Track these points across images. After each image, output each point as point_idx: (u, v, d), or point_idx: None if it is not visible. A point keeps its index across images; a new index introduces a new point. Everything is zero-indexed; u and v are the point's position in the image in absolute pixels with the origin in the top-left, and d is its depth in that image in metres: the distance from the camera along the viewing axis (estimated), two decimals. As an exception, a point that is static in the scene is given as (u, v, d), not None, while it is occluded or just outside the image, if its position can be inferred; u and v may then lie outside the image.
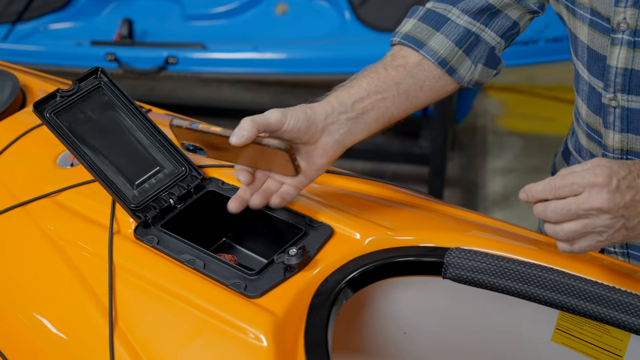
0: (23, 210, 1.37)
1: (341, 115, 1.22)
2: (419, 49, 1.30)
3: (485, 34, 1.32)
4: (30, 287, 1.29)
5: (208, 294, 1.13)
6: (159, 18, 3.26)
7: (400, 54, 1.31)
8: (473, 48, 1.32)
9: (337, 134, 1.21)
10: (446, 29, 1.31)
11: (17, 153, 1.51)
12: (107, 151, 1.31)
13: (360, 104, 1.24)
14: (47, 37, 3.22)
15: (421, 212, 1.33)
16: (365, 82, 1.26)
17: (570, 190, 1.04)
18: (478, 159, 3.78)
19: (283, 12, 3.17)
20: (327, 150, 1.21)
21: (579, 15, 1.23)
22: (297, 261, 1.14)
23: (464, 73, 1.33)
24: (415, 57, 1.30)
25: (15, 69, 1.84)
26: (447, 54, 1.30)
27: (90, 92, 1.33)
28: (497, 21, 1.32)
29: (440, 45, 1.30)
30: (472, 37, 1.32)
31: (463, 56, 1.32)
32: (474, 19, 1.31)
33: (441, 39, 1.30)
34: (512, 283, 1.14)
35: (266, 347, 1.05)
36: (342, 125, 1.22)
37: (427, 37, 1.30)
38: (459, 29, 1.31)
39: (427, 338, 1.36)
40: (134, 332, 1.13)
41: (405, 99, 1.28)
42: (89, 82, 1.34)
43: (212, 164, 1.37)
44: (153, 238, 1.24)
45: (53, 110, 1.29)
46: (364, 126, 1.25)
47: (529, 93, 4.21)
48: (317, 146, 1.21)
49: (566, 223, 1.05)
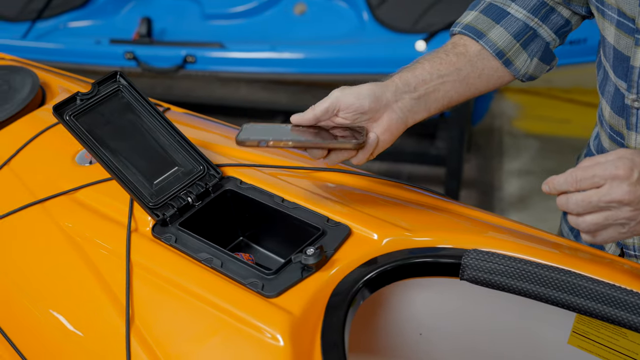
0: (41, 208, 1.37)
1: (405, 94, 1.27)
2: (479, 39, 1.33)
3: (542, 30, 1.35)
4: (47, 284, 1.29)
5: (225, 293, 1.13)
6: (177, 17, 3.27)
7: (461, 42, 1.35)
8: (530, 42, 1.35)
9: (400, 112, 1.26)
10: (506, 22, 1.34)
11: (36, 150, 1.52)
12: (125, 152, 1.32)
13: (423, 85, 1.28)
14: (67, 35, 3.23)
15: (438, 213, 1.33)
16: (428, 65, 1.30)
17: (591, 183, 1.05)
18: (494, 160, 3.77)
19: (301, 12, 3.17)
20: (391, 127, 1.26)
21: (607, 15, 1.23)
22: (314, 261, 1.14)
23: (520, 66, 1.36)
24: (475, 46, 1.34)
25: (35, 67, 1.85)
26: (505, 46, 1.34)
27: (109, 95, 1.35)
28: (552, 18, 1.35)
29: (499, 37, 1.33)
30: (530, 32, 1.34)
31: (520, 49, 1.35)
32: (532, 14, 1.34)
33: (500, 31, 1.34)
34: (530, 285, 1.14)
35: (283, 346, 1.05)
36: (405, 104, 1.27)
37: (487, 29, 1.34)
38: (518, 23, 1.34)
39: (443, 339, 1.36)
40: (151, 330, 1.14)
41: (465, 84, 1.32)
42: (108, 85, 1.36)
43: (230, 163, 1.37)
44: (171, 236, 1.24)
45: (73, 112, 1.31)
46: (424, 106, 1.29)
47: (545, 95, 4.19)
48: (381, 123, 1.26)
49: (588, 215, 1.06)
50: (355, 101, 1.23)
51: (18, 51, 2.72)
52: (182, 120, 1.61)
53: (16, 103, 1.64)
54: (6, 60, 1.95)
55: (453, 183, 3.27)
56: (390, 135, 1.27)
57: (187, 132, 1.38)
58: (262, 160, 1.42)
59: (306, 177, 1.38)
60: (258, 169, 1.38)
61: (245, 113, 3.74)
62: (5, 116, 1.61)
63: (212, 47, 3.04)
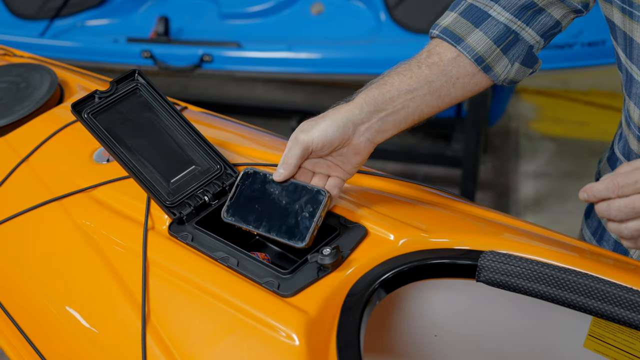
0: (59, 205, 1.38)
1: (372, 115, 1.24)
2: (457, 44, 1.29)
3: (525, 33, 1.30)
4: (63, 281, 1.30)
5: (241, 292, 1.14)
6: (194, 16, 3.27)
7: (435, 50, 1.30)
8: (511, 47, 1.30)
9: (368, 133, 1.24)
10: (486, 26, 1.29)
11: (54, 148, 1.52)
12: (143, 150, 1.33)
13: (391, 103, 1.25)
14: (84, 34, 3.25)
15: (455, 214, 1.32)
16: (397, 80, 1.26)
17: (634, 189, 1.03)
18: (510, 162, 3.76)
19: (318, 12, 3.17)
20: (360, 149, 1.24)
21: (636, 17, 1.20)
22: (330, 261, 1.14)
23: (500, 71, 1.31)
24: (450, 53, 1.29)
25: (53, 65, 1.86)
26: (485, 52, 1.29)
27: (127, 93, 1.35)
28: (539, 20, 1.30)
29: (477, 42, 1.28)
30: (512, 36, 1.29)
31: (500, 54, 1.30)
32: (516, 17, 1.29)
33: (479, 36, 1.29)
34: (546, 288, 1.13)
35: (298, 346, 1.05)
36: (372, 125, 1.24)
37: (465, 33, 1.29)
38: (498, 27, 1.29)
39: (457, 341, 1.35)
40: (166, 328, 1.14)
41: (437, 96, 1.28)
42: (127, 83, 1.36)
43: (247, 163, 1.38)
44: (187, 235, 1.24)
45: (91, 110, 1.32)
46: (393, 124, 1.26)
47: (562, 97, 4.18)
48: (350, 147, 1.24)
49: (631, 221, 1.04)
50: (324, 142, 1.21)
51: (36, 49, 2.74)
52: (199, 119, 1.61)
53: (34, 101, 1.65)
54: (25, 58, 1.96)
55: (469, 184, 3.26)
56: (360, 157, 1.25)
57: (204, 131, 1.38)
58: (277, 160, 1.41)
59: (322, 177, 1.38)
60: (275, 168, 1.38)
61: (260, 112, 3.74)
62: (23, 114, 1.62)
63: (229, 46, 3.04)
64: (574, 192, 3.64)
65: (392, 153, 3.39)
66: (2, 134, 1.60)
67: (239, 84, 4.12)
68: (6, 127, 1.61)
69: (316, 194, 1.22)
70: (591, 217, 1.47)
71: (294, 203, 1.24)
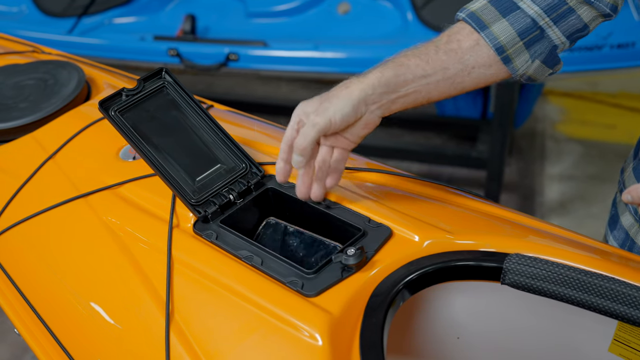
0: (84, 202, 1.39)
1: (383, 95, 1.24)
2: (480, 30, 1.26)
3: (552, 31, 1.27)
4: (88, 277, 1.31)
5: (265, 291, 1.14)
6: (221, 15, 3.28)
7: (456, 37, 1.28)
8: (535, 42, 1.27)
9: (378, 111, 1.25)
10: (513, 17, 1.26)
11: (81, 145, 1.53)
12: (169, 148, 1.33)
13: (403, 86, 1.25)
14: (112, 31, 3.26)
15: (480, 215, 1.32)
16: (414, 63, 1.26)
17: None
18: (536, 164, 3.74)
19: (345, 12, 3.17)
20: (369, 124, 1.26)
21: None
22: (355, 261, 1.13)
23: (519, 65, 1.28)
24: (470, 40, 1.27)
25: (81, 62, 1.87)
26: (507, 42, 1.25)
27: (154, 91, 1.36)
28: (568, 20, 1.26)
29: (502, 31, 1.25)
30: (537, 31, 1.26)
31: (522, 48, 1.26)
32: (545, 12, 1.25)
33: (505, 25, 1.26)
34: (572, 291, 1.12)
35: (321, 346, 1.05)
36: (383, 104, 1.25)
37: (491, 21, 1.26)
38: (526, 20, 1.25)
39: (480, 344, 1.35)
40: (190, 326, 1.14)
41: (449, 84, 1.27)
42: (154, 81, 1.37)
43: (272, 162, 1.38)
44: (212, 233, 1.25)
45: (118, 108, 1.32)
46: (402, 105, 1.27)
47: (590, 99, 4.16)
48: (360, 122, 1.25)
49: None
50: (343, 123, 1.23)
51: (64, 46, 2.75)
52: (225, 117, 1.62)
53: (62, 98, 1.66)
54: (53, 55, 1.97)
55: (494, 186, 3.25)
56: (368, 129, 1.27)
57: (229, 129, 1.38)
58: (303, 159, 1.42)
59: (347, 176, 1.38)
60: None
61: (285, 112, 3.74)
62: (51, 110, 1.63)
63: (255, 45, 3.05)
64: (599, 195, 3.63)
65: (416, 154, 3.38)
66: (30, 130, 1.61)
67: (264, 83, 4.13)
68: (34, 123, 1.62)
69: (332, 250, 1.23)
70: (618, 228, 1.45)
71: (310, 257, 1.26)
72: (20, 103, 1.67)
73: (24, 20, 3.33)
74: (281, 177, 1.28)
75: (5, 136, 1.62)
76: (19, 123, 1.62)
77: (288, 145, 1.25)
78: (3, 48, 2.02)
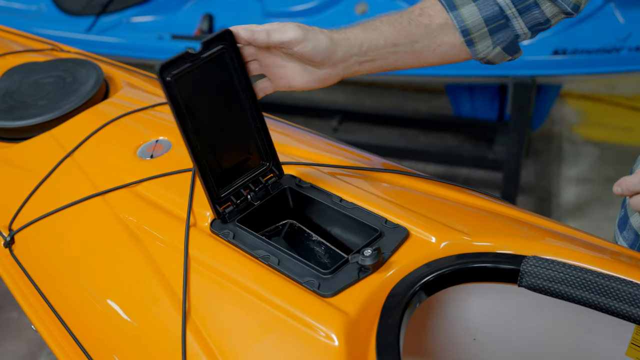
0: (102, 200, 1.39)
1: (353, 57, 1.26)
2: (450, 11, 1.29)
3: (516, 22, 1.30)
4: (105, 274, 1.31)
5: (281, 291, 1.14)
6: (238, 14, 3.28)
7: (428, 11, 1.31)
8: (499, 31, 1.31)
9: (342, 71, 1.27)
10: (482, 2, 1.29)
11: (99, 143, 1.54)
12: (210, 129, 1.25)
13: (374, 51, 1.27)
14: (130, 30, 3.27)
15: (497, 217, 1.31)
16: (386, 29, 1.28)
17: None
18: (552, 166, 3.73)
19: (363, 12, 3.16)
20: (326, 79, 1.27)
21: None
22: (371, 262, 1.13)
23: (481, 50, 1.32)
24: (441, 18, 1.30)
25: (99, 60, 1.88)
26: (473, 27, 1.29)
27: (214, 57, 1.24)
28: (532, 13, 1.30)
29: (470, 15, 1.29)
30: (502, 20, 1.30)
31: (486, 34, 1.30)
32: (512, 2, 1.29)
33: (473, 10, 1.29)
34: (589, 294, 1.12)
35: (337, 346, 1.05)
36: (349, 65, 1.27)
37: (461, 3, 1.29)
38: (494, 8, 1.29)
39: (496, 345, 1.34)
40: (206, 325, 1.14)
41: (415, 57, 1.30)
42: (215, 44, 1.25)
43: (290, 162, 1.38)
44: (229, 232, 1.25)
45: (176, 73, 1.20)
46: (367, 69, 1.29)
47: (607, 102, 4.14)
48: (319, 71, 1.26)
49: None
50: (311, 51, 1.23)
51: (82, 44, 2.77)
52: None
53: (80, 95, 1.67)
54: (71, 54, 1.98)
55: (510, 188, 3.24)
56: (322, 84, 1.28)
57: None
58: (320, 159, 1.42)
59: (364, 177, 1.38)
60: (316, 167, 1.38)
61: (301, 112, 3.74)
62: (69, 108, 1.64)
63: (273, 45, 3.05)
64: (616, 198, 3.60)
65: (433, 155, 3.38)
66: (48, 128, 1.62)
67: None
68: (52, 121, 1.63)
69: None
70: (627, 228, 1.45)
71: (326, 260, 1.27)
72: (39, 101, 1.68)
73: (42, 18, 3.35)
74: None
75: (24, 134, 1.63)
76: (38, 121, 1.62)
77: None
78: (22, 46, 2.03)
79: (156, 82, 1.81)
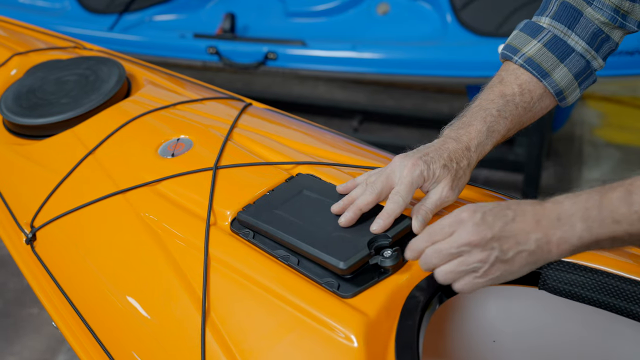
0: (123, 198, 1.40)
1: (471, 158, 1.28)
2: (543, 79, 1.29)
3: (596, 62, 1.32)
4: (125, 272, 1.32)
5: (301, 291, 1.14)
6: (260, 14, 3.28)
7: (527, 86, 1.30)
8: (586, 79, 1.32)
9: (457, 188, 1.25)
10: (570, 61, 1.29)
11: (120, 141, 1.54)
12: None
13: (490, 147, 1.29)
14: (152, 29, 3.28)
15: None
16: (503, 127, 1.28)
17: (442, 234, 1.05)
18: (573, 169, 3.70)
19: (384, 13, 3.16)
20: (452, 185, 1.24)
21: None
22: (391, 263, 1.13)
23: (571, 100, 1.33)
24: (539, 89, 1.30)
25: (121, 58, 1.89)
26: (566, 87, 1.30)
27: None
28: (605, 46, 1.32)
29: (562, 78, 1.29)
30: (589, 70, 1.31)
31: (576, 87, 1.32)
32: (589, 45, 1.30)
33: (564, 72, 1.29)
34: (611, 299, 1.11)
35: (356, 347, 1.04)
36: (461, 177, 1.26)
37: (552, 68, 1.29)
38: (581, 62, 1.30)
39: (516, 348, 1.34)
40: (226, 324, 1.15)
41: (515, 125, 1.30)
42: None
43: (309, 161, 1.38)
44: (249, 232, 1.25)
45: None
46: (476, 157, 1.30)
47: (629, 104, 4.11)
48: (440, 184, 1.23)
49: (444, 265, 1.05)
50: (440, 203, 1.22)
51: (105, 42, 2.78)
52: (263, 115, 1.62)
53: (103, 93, 1.67)
54: (94, 51, 1.99)
55: (530, 190, 3.22)
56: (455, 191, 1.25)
57: (267, 127, 1.38)
58: (341, 159, 1.41)
59: (385, 178, 1.37)
60: (337, 167, 1.38)
61: (322, 111, 3.74)
62: (91, 106, 1.64)
63: (294, 44, 3.05)
64: (638, 201, 3.57)
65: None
66: (70, 126, 1.63)
67: (301, 82, 4.13)
68: (74, 119, 1.63)
69: None
70: None
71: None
72: (61, 99, 1.69)
73: (66, 16, 3.36)
74: None
75: (46, 131, 1.64)
76: (60, 118, 1.63)
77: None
78: (45, 44, 2.04)
79: (177, 80, 1.82)
